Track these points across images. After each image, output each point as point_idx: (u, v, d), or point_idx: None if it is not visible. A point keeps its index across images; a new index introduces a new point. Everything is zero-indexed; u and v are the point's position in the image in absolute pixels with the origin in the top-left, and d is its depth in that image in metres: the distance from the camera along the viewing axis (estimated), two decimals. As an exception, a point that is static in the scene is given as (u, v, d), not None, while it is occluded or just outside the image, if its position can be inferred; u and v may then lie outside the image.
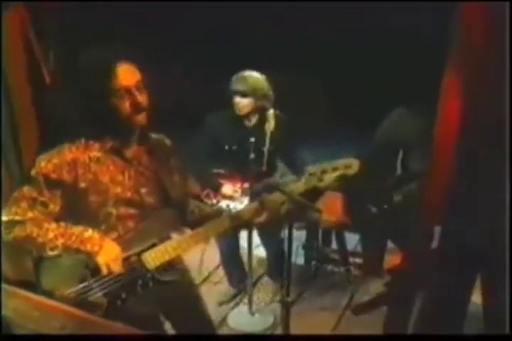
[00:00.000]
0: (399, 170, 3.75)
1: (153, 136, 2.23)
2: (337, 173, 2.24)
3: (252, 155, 3.31)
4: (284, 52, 5.77)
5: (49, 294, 2.07)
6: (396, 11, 5.06)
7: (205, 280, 3.99)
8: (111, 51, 2.02)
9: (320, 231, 4.04)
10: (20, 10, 2.96)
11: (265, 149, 3.37)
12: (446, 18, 2.74)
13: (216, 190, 3.44)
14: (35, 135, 3.20)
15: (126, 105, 2.01)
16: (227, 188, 3.47)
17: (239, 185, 3.42)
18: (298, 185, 2.26)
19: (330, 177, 2.25)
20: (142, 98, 2.04)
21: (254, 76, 3.46)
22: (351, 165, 2.26)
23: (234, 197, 3.36)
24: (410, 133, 3.61)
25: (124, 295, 2.17)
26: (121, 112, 2.01)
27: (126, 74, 2.01)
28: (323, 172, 2.24)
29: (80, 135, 2.11)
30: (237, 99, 3.44)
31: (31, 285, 2.12)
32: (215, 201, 3.38)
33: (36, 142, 3.18)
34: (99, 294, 2.14)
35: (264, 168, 3.35)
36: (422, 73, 3.46)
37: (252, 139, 3.32)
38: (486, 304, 2.80)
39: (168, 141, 2.30)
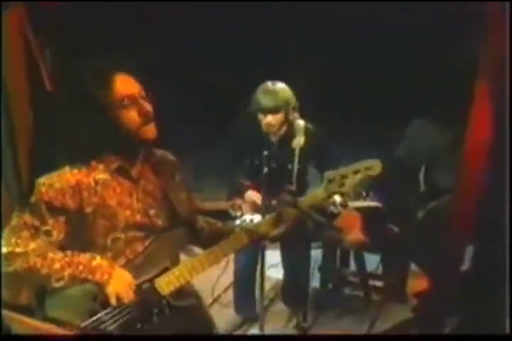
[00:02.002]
0: (422, 187, 3.70)
1: (157, 151, 2.19)
2: (359, 176, 2.15)
3: (266, 169, 3.08)
4: (299, 59, 5.84)
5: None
6: (420, 20, 5.13)
7: (215, 301, 3.87)
8: (107, 61, 2.00)
9: (338, 252, 3.95)
10: (19, 10, 2.97)
11: (294, 167, 3.26)
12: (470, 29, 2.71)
13: (243, 200, 3.39)
14: (32, 145, 3.16)
15: (133, 114, 1.98)
16: (252, 195, 3.37)
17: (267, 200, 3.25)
18: (317, 194, 2.20)
19: (351, 182, 2.16)
20: (149, 106, 2.01)
21: (282, 87, 3.31)
22: (373, 166, 2.16)
23: (256, 207, 3.27)
24: (433, 147, 3.59)
25: (139, 326, 2.08)
26: (127, 124, 1.97)
27: (128, 84, 1.99)
28: (343, 176, 2.17)
29: (81, 151, 2.04)
30: (268, 118, 3.29)
31: (31, 311, 2.04)
32: (239, 213, 3.32)
33: (33, 154, 3.14)
34: (113, 327, 2.05)
35: (293, 188, 3.23)
36: (446, 82, 3.44)
37: (265, 153, 3.10)
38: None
39: (172, 157, 2.25)
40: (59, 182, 1.99)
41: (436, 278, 3.23)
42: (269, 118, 3.31)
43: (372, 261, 3.93)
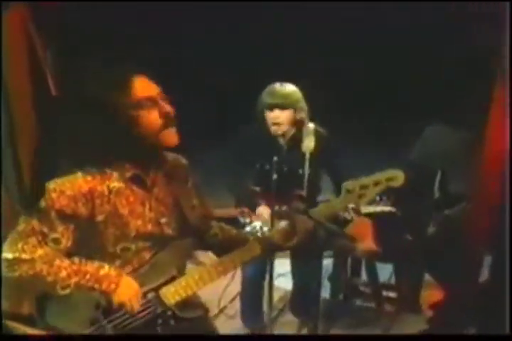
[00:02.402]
0: (437, 194, 3.63)
1: (169, 155, 2.14)
2: (380, 188, 2.09)
3: (275, 176, 3.03)
4: (312, 64, 5.83)
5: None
6: (438, 19, 5.04)
7: (220, 312, 3.79)
8: (122, 63, 1.98)
9: (349, 261, 3.87)
10: (21, 9, 2.93)
11: (305, 172, 3.14)
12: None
13: (252, 208, 3.33)
14: (35, 147, 3.10)
15: (153, 116, 1.95)
16: (263, 210, 3.31)
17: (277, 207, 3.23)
18: (334, 204, 2.14)
19: (372, 193, 2.10)
20: (170, 108, 1.97)
21: (291, 88, 3.31)
22: (395, 177, 2.09)
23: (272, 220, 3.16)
24: (449, 152, 3.52)
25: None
26: (147, 127, 1.94)
27: (146, 85, 1.97)
28: (363, 187, 2.10)
29: (95, 157, 2.00)
30: (275, 113, 3.27)
31: (32, 320, 2.00)
32: (248, 220, 3.25)
33: (35, 156, 3.09)
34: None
35: (304, 193, 3.13)
36: (465, 85, 3.37)
37: (275, 158, 3.05)
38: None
39: (184, 160, 2.20)
40: (71, 189, 1.95)
41: (451, 288, 3.16)
42: (277, 113, 3.27)
43: (385, 271, 3.86)
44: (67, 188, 1.95)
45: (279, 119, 3.29)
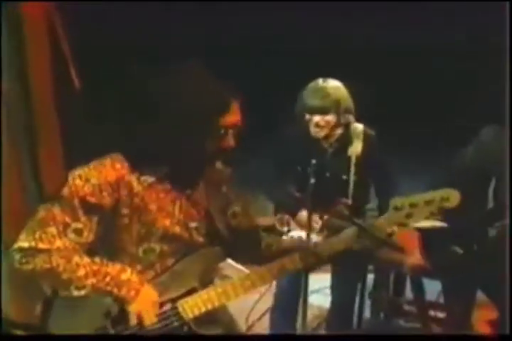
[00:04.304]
0: (491, 203, 3.45)
1: None
2: (431, 208, 2.04)
3: (313, 180, 2.91)
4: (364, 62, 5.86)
5: None
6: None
7: (248, 329, 3.68)
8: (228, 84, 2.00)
9: (391, 277, 3.73)
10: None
11: (350, 178, 3.12)
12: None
13: (292, 215, 3.24)
14: (58, 147, 3.05)
15: (212, 147, 1.99)
16: (303, 217, 3.17)
17: (317, 214, 3.15)
18: (379, 223, 2.09)
19: (421, 214, 2.05)
20: (233, 142, 2.01)
21: (334, 86, 3.14)
22: (449, 197, 2.05)
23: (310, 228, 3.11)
24: (506, 157, 3.29)
25: None
26: (204, 151, 1.98)
27: (235, 114, 1.99)
28: (413, 205, 2.04)
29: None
30: (315, 118, 3.11)
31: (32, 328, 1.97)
32: (286, 228, 3.15)
33: (58, 156, 3.04)
34: None
35: (349, 202, 3.09)
36: None
37: (314, 161, 2.97)
38: None
39: (219, 164, 2.15)
40: (97, 177, 1.93)
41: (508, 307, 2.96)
42: (317, 119, 3.12)
43: (433, 288, 3.69)
44: (92, 175, 1.92)
45: (320, 124, 3.15)
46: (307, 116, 3.15)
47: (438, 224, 3.24)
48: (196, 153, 1.98)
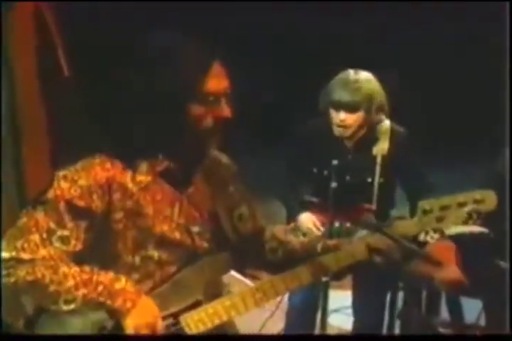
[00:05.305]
0: None
1: (211, 152, 2.05)
2: (464, 211, 1.99)
3: (335, 184, 2.86)
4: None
5: None
6: None
7: None
8: (210, 44, 1.90)
9: (424, 294, 3.52)
10: None
11: (375, 181, 2.98)
12: None
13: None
14: (44, 144, 2.98)
15: (208, 118, 1.87)
16: (306, 218, 3.10)
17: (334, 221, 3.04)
18: (405, 227, 2.03)
19: (454, 217, 2.00)
20: (229, 111, 1.88)
21: (367, 78, 2.96)
22: (485, 198, 1.98)
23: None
24: None
25: None
26: (197, 128, 1.87)
27: (221, 78, 1.88)
28: (444, 208, 1.99)
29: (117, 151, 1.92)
30: (341, 115, 2.92)
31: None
32: (301, 238, 3.01)
33: (44, 155, 2.96)
34: None
35: (373, 207, 2.96)
36: None
37: (335, 162, 2.90)
38: None
39: (226, 159, 2.10)
40: (86, 178, 1.85)
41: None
42: (343, 116, 2.91)
43: (472, 308, 3.48)
44: (80, 176, 1.85)
45: (346, 122, 2.96)
46: (332, 112, 2.96)
47: (476, 229, 3.07)
48: (190, 135, 1.86)
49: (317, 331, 3.18)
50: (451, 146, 5.83)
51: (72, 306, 1.83)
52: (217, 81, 1.87)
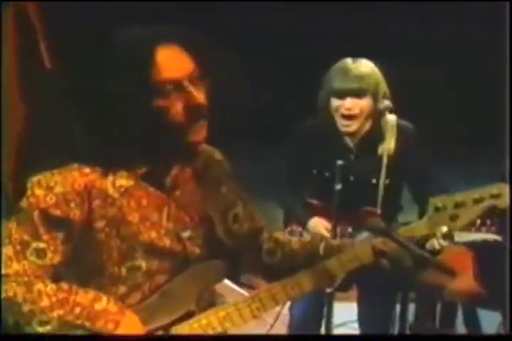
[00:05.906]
0: None
1: (201, 148, 1.97)
2: (481, 208, 1.91)
3: (339, 186, 2.77)
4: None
5: None
6: None
7: None
8: (150, 30, 1.81)
9: (438, 305, 3.41)
10: None
11: (380, 182, 2.92)
12: None
13: (306, 226, 3.07)
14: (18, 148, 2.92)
15: (177, 107, 1.77)
16: (316, 223, 3.00)
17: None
18: (418, 227, 1.97)
19: (469, 214, 1.93)
20: (200, 97, 1.78)
21: (368, 66, 2.88)
22: (502, 193, 1.90)
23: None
24: None
25: None
26: (169, 119, 1.79)
27: (175, 62, 1.78)
28: (458, 205, 1.92)
29: (97, 154, 1.85)
30: (347, 103, 2.81)
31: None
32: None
33: (18, 157, 2.92)
34: None
35: (378, 211, 2.89)
36: None
37: (340, 162, 2.79)
38: None
39: (219, 156, 2.02)
40: (62, 184, 1.79)
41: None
42: (349, 104, 2.80)
43: (490, 321, 3.37)
44: (56, 183, 1.78)
45: (353, 111, 2.84)
46: (334, 103, 2.84)
47: (490, 237, 3.03)
48: (166, 131, 1.76)
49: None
50: (451, 146, 5.82)
51: (48, 328, 1.76)
52: (171, 66, 1.78)
